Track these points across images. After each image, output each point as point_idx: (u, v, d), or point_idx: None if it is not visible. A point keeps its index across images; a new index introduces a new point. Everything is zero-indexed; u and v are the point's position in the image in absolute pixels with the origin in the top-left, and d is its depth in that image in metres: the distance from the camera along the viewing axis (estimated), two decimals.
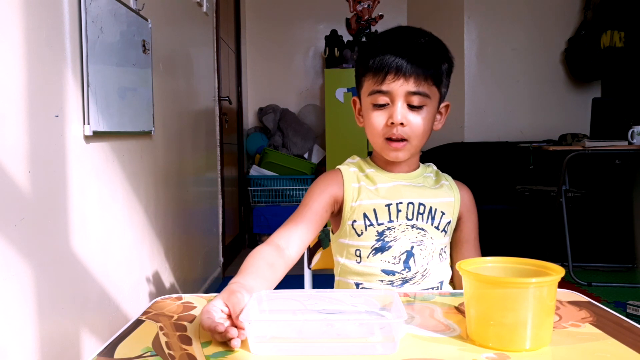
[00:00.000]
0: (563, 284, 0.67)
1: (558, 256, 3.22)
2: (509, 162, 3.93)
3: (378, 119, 1.02)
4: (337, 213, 1.09)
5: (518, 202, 3.70)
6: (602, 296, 2.83)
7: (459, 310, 0.81)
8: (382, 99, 1.00)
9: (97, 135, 1.47)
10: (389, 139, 1.02)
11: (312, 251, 1.28)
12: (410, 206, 1.04)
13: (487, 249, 1.11)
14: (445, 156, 3.99)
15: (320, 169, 4.49)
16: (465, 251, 1.11)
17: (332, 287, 1.13)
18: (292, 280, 1.04)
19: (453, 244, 1.12)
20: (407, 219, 1.04)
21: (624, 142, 2.99)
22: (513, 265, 0.74)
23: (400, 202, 1.04)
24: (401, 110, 0.99)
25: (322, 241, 1.28)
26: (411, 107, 1.00)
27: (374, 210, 1.04)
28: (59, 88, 1.30)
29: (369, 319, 0.76)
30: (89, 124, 1.41)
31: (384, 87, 0.99)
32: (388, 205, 1.04)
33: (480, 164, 3.98)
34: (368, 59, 1.02)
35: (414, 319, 0.77)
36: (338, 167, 1.10)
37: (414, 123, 1.01)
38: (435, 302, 0.86)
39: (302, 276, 1.27)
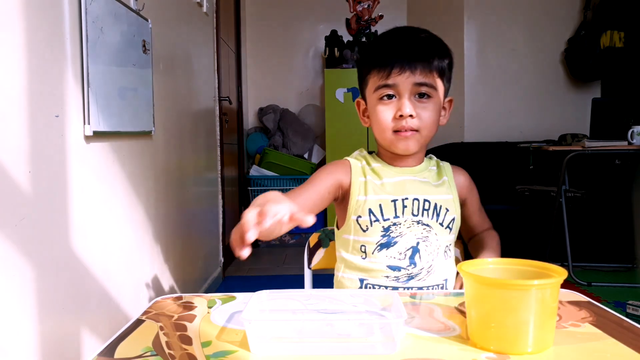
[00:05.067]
0: (563, 283, 0.67)
1: (558, 256, 3.22)
2: (509, 162, 3.93)
3: (386, 113, 1.02)
4: (341, 201, 1.09)
5: (518, 202, 3.70)
6: (602, 296, 2.83)
7: (459, 310, 0.81)
8: (389, 92, 1.01)
9: (98, 135, 1.47)
10: (398, 131, 1.02)
11: (312, 251, 1.28)
12: (416, 202, 1.05)
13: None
14: (445, 156, 3.97)
15: None
16: (475, 220, 1.18)
17: (332, 286, 1.13)
18: (292, 280, 1.05)
19: (462, 219, 1.14)
20: (413, 214, 1.04)
21: (624, 142, 2.99)
22: (514, 266, 0.74)
23: (406, 198, 1.05)
24: (409, 102, 1.00)
25: (322, 241, 1.28)
26: (419, 98, 1.01)
27: (380, 205, 1.04)
28: (59, 88, 1.30)
29: (369, 319, 0.76)
30: (89, 124, 1.41)
31: (390, 81, 1.00)
32: (394, 201, 1.04)
33: (480, 164, 3.97)
34: (372, 57, 1.04)
35: (414, 319, 0.77)
36: (346, 157, 1.11)
37: (423, 114, 1.01)
38: (436, 302, 0.86)
39: (302, 276, 1.27)
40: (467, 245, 1.22)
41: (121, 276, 1.68)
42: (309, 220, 0.69)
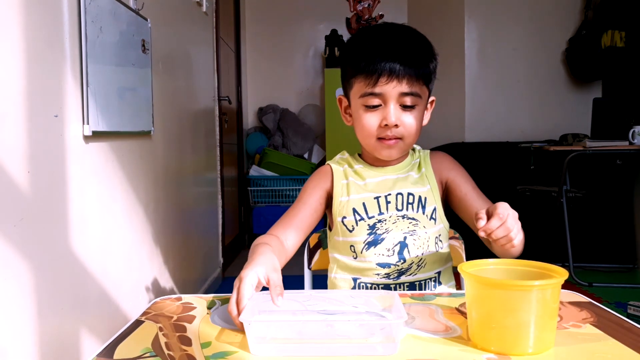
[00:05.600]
0: (564, 284, 0.67)
1: (559, 256, 3.21)
2: (510, 162, 3.92)
3: (371, 120, 1.01)
4: (331, 207, 1.10)
5: (519, 203, 3.69)
6: (602, 297, 2.82)
7: (460, 311, 0.81)
8: (375, 101, 1.00)
9: (97, 135, 1.47)
10: (382, 138, 1.02)
11: (312, 251, 1.28)
12: (400, 197, 1.05)
13: (488, 249, 1.10)
14: None
15: None
16: (470, 203, 1.06)
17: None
18: (292, 281, 1.04)
19: (457, 204, 1.08)
20: (397, 209, 1.05)
21: (625, 142, 2.99)
22: (515, 267, 0.74)
23: (389, 194, 1.05)
24: (394, 111, 0.99)
25: (322, 241, 1.28)
26: (404, 107, 1.00)
27: (363, 204, 1.05)
28: (58, 88, 1.29)
29: (370, 320, 0.76)
30: (88, 124, 1.41)
31: (377, 90, 0.99)
32: (377, 198, 1.05)
33: (480, 164, 3.97)
34: (358, 61, 1.01)
35: (415, 320, 0.76)
36: (328, 162, 1.13)
37: (408, 123, 1.01)
38: (436, 303, 0.86)
39: (302, 276, 1.26)
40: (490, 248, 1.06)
41: (120, 276, 1.67)
42: (277, 303, 0.76)
